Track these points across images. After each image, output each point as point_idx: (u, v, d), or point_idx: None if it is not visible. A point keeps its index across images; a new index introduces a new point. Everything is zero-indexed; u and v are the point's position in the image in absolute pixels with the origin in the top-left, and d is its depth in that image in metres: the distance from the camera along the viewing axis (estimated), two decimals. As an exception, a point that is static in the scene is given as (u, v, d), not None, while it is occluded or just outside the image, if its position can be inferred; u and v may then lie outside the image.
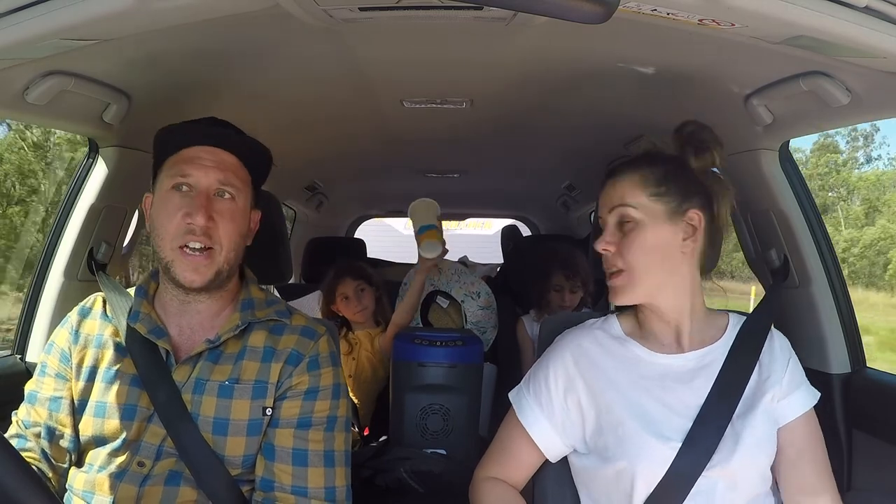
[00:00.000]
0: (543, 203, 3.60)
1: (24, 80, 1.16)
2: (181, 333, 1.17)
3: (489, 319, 2.62)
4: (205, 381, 1.12)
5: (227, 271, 1.14)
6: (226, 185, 1.12)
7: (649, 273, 1.12)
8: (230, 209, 1.13)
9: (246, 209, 1.17)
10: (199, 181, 1.11)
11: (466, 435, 2.01)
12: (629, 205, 1.13)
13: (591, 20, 0.74)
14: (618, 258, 1.13)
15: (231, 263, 1.14)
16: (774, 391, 1.13)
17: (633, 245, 1.12)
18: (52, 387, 1.15)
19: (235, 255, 1.15)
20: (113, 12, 0.90)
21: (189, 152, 1.13)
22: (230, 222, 1.12)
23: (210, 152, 1.13)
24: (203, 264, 1.10)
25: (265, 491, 1.10)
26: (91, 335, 1.18)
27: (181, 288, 1.13)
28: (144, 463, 1.09)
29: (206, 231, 1.09)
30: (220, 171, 1.12)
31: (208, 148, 1.14)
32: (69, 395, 1.14)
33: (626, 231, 1.13)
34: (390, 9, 1.08)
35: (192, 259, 1.10)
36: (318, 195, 3.28)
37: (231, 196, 1.13)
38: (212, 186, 1.12)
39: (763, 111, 1.36)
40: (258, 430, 1.11)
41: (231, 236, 1.12)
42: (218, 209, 1.11)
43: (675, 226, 1.13)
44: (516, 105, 1.76)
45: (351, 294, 2.41)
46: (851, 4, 0.87)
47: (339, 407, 1.16)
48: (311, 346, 1.16)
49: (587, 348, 1.18)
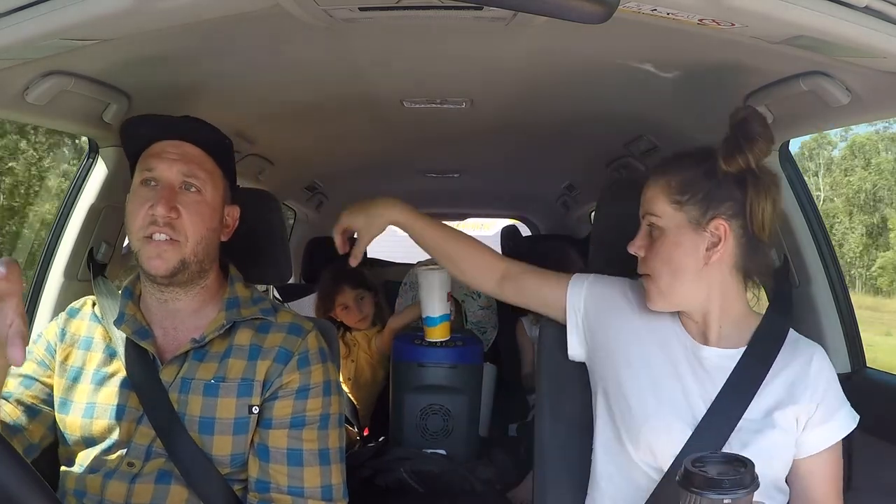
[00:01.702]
0: (543, 203, 3.60)
1: (24, 80, 1.16)
2: (166, 334, 1.17)
3: (489, 319, 2.62)
4: (190, 380, 1.12)
5: (195, 264, 1.14)
6: (190, 178, 1.13)
7: (672, 281, 1.11)
8: (195, 201, 1.13)
9: (215, 202, 1.17)
10: (162, 174, 1.12)
11: (466, 435, 2.01)
12: (654, 213, 1.13)
13: (591, 20, 0.74)
14: (645, 263, 1.14)
15: (199, 256, 1.14)
16: (801, 414, 1.08)
17: (656, 253, 1.12)
18: (31, 369, 1.17)
19: (204, 249, 1.14)
20: (113, 12, 0.89)
21: (156, 147, 1.15)
22: (196, 214, 1.12)
23: (175, 146, 1.14)
24: (166, 249, 1.10)
25: (260, 492, 1.10)
26: (78, 335, 1.19)
27: (154, 282, 1.14)
28: (134, 463, 1.09)
29: (169, 222, 1.10)
30: (183, 163, 1.13)
31: (174, 142, 1.15)
32: (48, 382, 1.16)
33: (654, 237, 1.13)
34: (390, 9, 1.08)
35: (155, 245, 1.10)
36: (318, 195, 3.28)
37: (197, 188, 1.14)
38: (176, 179, 1.12)
39: (763, 111, 1.36)
40: (245, 429, 1.11)
41: (197, 228, 1.12)
42: (182, 201, 1.12)
43: (698, 235, 1.09)
44: (516, 105, 1.76)
45: (351, 303, 2.37)
46: (851, 4, 0.87)
47: (332, 404, 1.16)
48: (300, 343, 1.16)
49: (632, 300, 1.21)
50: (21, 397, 1.14)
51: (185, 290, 1.16)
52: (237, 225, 1.24)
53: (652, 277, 1.13)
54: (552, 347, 1.32)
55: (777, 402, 1.08)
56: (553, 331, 1.32)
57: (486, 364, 2.22)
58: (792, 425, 1.08)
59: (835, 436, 1.09)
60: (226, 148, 1.22)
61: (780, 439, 1.07)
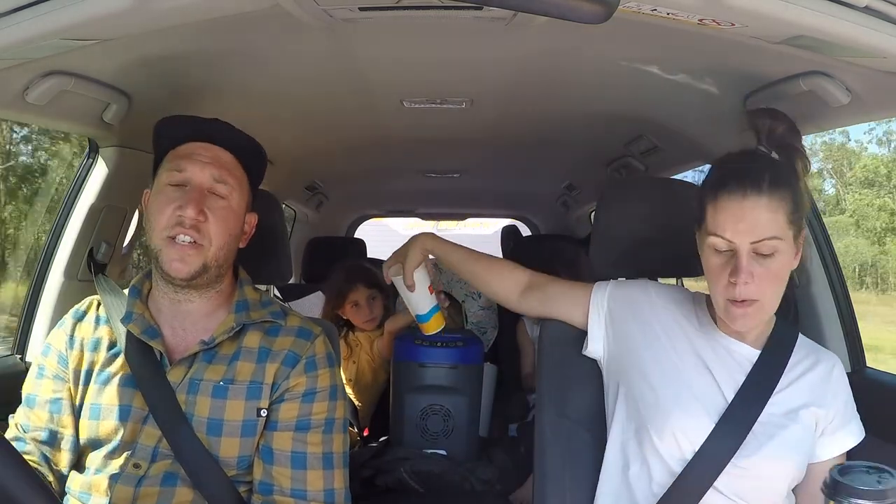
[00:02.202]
0: (543, 203, 3.60)
1: (24, 80, 1.16)
2: (174, 334, 1.16)
3: (489, 319, 2.62)
4: (199, 381, 1.11)
5: (215, 269, 1.13)
6: (220, 183, 1.12)
7: (776, 300, 1.09)
8: (222, 207, 1.12)
9: (240, 210, 1.16)
10: (194, 176, 1.11)
11: (466, 435, 2.01)
12: (777, 236, 1.03)
13: (591, 20, 0.74)
14: (752, 289, 1.04)
15: (219, 262, 1.13)
16: (820, 418, 1.11)
17: (772, 277, 1.05)
18: (52, 388, 1.14)
19: (225, 255, 1.14)
20: (113, 12, 0.89)
21: (187, 148, 1.14)
22: (221, 220, 1.12)
23: (207, 149, 1.14)
24: (189, 254, 1.09)
25: (264, 494, 1.10)
26: (86, 339, 1.17)
27: (170, 283, 1.13)
28: (140, 464, 1.08)
29: (196, 225, 1.09)
30: (215, 167, 1.12)
31: (206, 144, 1.14)
32: (68, 396, 1.14)
33: (765, 262, 1.04)
34: (390, 9, 1.08)
35: (179, 248, 1.09)
36: (318, 195, 3.28)
37: (225, 194, 1.13)
38: (206, 183, 1.12)
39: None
40: (253, 432, 1.11)
41: (221, 234, 1.12)
42: (210, 206, 1.11)
43: (796, 244, 1.08)
44: (516, 105, 1.76)
45: (363, 302, 2.34)
46: (851, 4, 0.87)
47: (337, 408, 1.16)
48: (308, 347, 1.16)
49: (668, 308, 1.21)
50: (54, 426, 1.12)
51: (200, 293, 1.16)
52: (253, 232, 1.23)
53: (760, 301, 1.05)
54: (552, 347, 1.32)
55: (801, 402, 1.11)
56: (553, 331, 1.32)
57: (486, 364, 2.22)
58: (812, 426, 1.11)
59: (846, 444, 1.13)
60: (258, 156, 1.21)
61: (802, 436, 1.09)
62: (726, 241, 1.04)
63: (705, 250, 1.09)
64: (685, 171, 2.15)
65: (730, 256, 1.05)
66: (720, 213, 1.05)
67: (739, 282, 1.03)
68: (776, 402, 1.10)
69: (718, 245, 1.06)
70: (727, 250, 1.05)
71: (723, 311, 1.08)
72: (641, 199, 1.37)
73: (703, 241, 1.10)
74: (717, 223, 1.05)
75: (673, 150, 1.96)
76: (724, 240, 1.04)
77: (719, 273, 1.06)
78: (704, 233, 1.09)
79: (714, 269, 1.07)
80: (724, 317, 1.09)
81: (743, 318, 1.06)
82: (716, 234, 1.05)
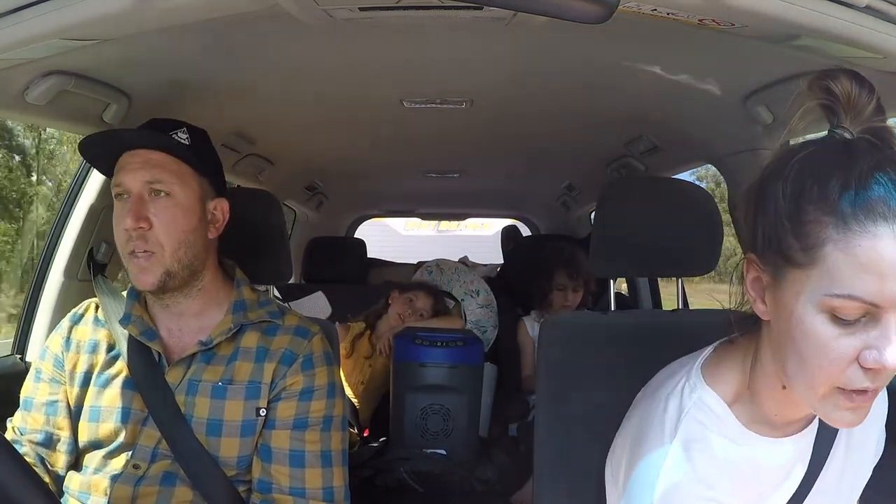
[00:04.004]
0: (543, 203, 3.60)
1: (24, 80, 1.16)
2: (171, 335, 1.17)
3: (489, 318, 2.62)
4: (198, 382, 1.12)
5: (182, 269, 1.12)
6: (154, 183, 1.10)
7: None
8: (166, 205, 1.10)
9: (190, 201, 1.13)
10: (129, 186, 1.10)
11: (466, 435, 2.01)
12: None
13: (591, 20, 0.74)
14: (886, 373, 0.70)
15: (183, 261, 1.12)
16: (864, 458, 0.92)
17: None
18: (48, 391, 1.15)
19: (187, 252, 1.12)
20: (113, 12, 0.89)
21: (120, 161, 1.13)
22: (168, 220, 1.10)
23: (134, 155, 1.12)
24: (146, 266, 1.09)
25: (263, 493, 1.10)
26: (83, 341, 1.18)
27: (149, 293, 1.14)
28: (139, 465, 1.09)
29: (141, 234, 1.08)
30: (145, 170, 1.10)
31: (134, 151, 1.12)
32: (65, 398, 1.14)
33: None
34: (390, 9, 1.08)
35: (136, 262, 1.09)
36: (318, 195, 3.28)
37: (166, 192, 1.11)
38: (142, 189, 1.10)
39: (763, 111, 1.36)
40: (252, 431, 1.11)
41: (171, 234, 1.10)
42: (154, 210, 1.09)
43: None
44: (516, 105, 1.76)
45: (426, 314, 2.39)
46: (851, 4, 0.87)
47: (335, 406, 1.16)
48: (305, 345, 1.16)
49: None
50: (50, 428, 1.13)
51: (184, 294, 1.15)
52: (228, 219, 1.20)
53: (883, 385, 0.71)
54: (552, 347, 1.32)
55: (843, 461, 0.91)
56: (553, 330, 1.32)
57: (486, 364, 2.23)
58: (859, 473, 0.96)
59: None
60: (189, 147, 1.16)
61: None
62: (866, 306, 0.67)
63: (808, 315, 0.70)
64: (685, 171, 2.15)
65: (862, 325, 0.68)
66: (862, 259, 0.66)
67: (888, 366, 0.67)
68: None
69: (848, 311, 0.68)
70: (861, 317, 0.68)
71: (825, 404, 0.73)
72: (641, 199, 1.36)
73: (801, 299, 0.70)
74: (855, 276, 0.66)
75: (673, 150, 1.96)
76: (863, 304, 0.67)
77: (839, 352, 0.69)
78: (810, 287, 0.69)
79: (829, 347, 0.69)
80: (825, 414, 0.74)
81: (855, 414, 0.72)
82: (850, 295, 0.67)
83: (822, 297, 0.68)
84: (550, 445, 1.28)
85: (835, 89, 0.73)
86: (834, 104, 0.73)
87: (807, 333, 0.70)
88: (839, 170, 0.68)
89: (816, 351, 0.70)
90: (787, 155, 0.73)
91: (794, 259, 0.70)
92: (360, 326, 2.44)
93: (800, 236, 0.70)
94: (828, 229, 0.68)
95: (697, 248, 1.30)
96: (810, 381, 0.72)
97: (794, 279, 0.71)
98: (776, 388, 0.80)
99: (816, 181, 0.69)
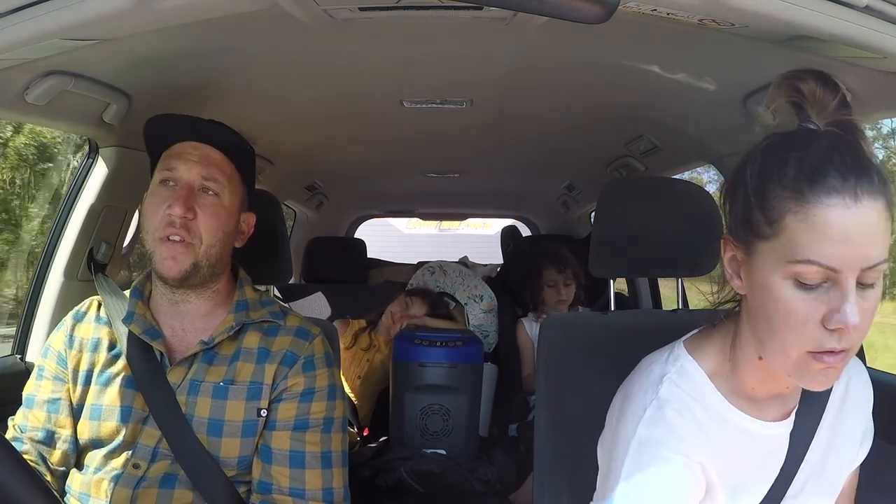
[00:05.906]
0: (543, 203, 3.60)
1: (24, 80, 1.16)
2: (174, 335, 1.17)
3: (491, 323, 2.63)
4: (199, 382, 1.12)
5: (208, 267, 1.13)
6: (209, 181, 1.12)
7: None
8: (212, 204, 1.12)
9: (233, 207, 1.16)
10: (182, 175, 1.12)
11: (466, 435, 2.01)
12: (882, 258, 0.73)
13: (591, 20, 0.74)
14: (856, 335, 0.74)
15: (212, 260, 1.13)
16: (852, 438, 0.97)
17: (871, 316, 0.76)
18: (50, 389, 1.15)
19: (218, 253, 1.14)
20: (113, 12, 0.89)
21: (177, 148, 1.14)
22: (212, 217, 1.12)
23: (196, 147, 1.14)
24: (180, 252, 1.10)
25: (263, 493, 1.10)
26: (86, 339, 1.18)
27: (166, 283, 1.13)
28: (140, 465, 1.09)
29: (185, 224, 1.09)
30: (203, 165, 1.12)
31: (195, 143, 1.14)
32: (67, 396, 1.14)
33: (866, 294, 0.75)
34: (390, 9, 1.08)
35: (171, 247, 1.10)
36: (318, 195, 3.28)
37: (215, 192, 1.13)
38: (195, 181, 1.12)
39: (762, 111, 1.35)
40: (253, 432, 1.11)
41: (212, 231, 1.12)
42: (200, 203, 1.11)
43: None
44: (516, 105, 1.76)
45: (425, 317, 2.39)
46: (851, 4, 0.87)
47: (336, 408, 1.16)
48: (306, 346, 1.17)
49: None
50: (51, 426, 1.13)
51: (197, 293, 1.16)
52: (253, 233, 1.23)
53: (851, 350, 0.75)
54: (552, 347, 1.32)
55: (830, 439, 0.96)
56: (553, 331, 1.32)
57: (486, 364, 2.23)
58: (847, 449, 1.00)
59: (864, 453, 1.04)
60: (246, 154, 1.21)
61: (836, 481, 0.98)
62: (824, 270, 0.72)
63: (775, 282, 0.76)
64: (685, 171, 2.16)
65: (825, 290, 0.74)
66: (818, 226, 0.72)
67: (849, 325, 0.72)
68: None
69: (809, 276, 0.73)
70: (822, 282, 0.73)
71: (799, 368, 0.77)
72: (641, 199, 1.36)
73: (768, 269, 0.77)
74: (812, 242, 0.72)
75: (673, 150, 1.96)
76: (821, 267, 0.72)
77: (804, 315, 0.74)
78: (775, 256, 0.76)
79: (795, 311, 0.75)
80: (799, 377, 0.79)
81: (826, 376, 0.77)
82: (809, 260, 0.72)
83: (786, 264, 0.75)
84: (550, 445, 1.28)
85: (802, 88, 0.80)
86: (801, 101, 0.80)
87: (776, 300, 0.76)
88: (798, 151, 0.76)
89: (785, 315, 0.76)
90: (756, 144, 0.82)
91: (761, 232, 0.77)
92: (362, 323, 2.45)
93: (764, 210, 0.77)
94: (788, 202, 0.74)
95: (697, 249, 1.30)
96: (782, 346, 0.77)
97: (761, 251, 0.78)
98: (754, 359, 0.85)
99: (778, 161, 0.77)
